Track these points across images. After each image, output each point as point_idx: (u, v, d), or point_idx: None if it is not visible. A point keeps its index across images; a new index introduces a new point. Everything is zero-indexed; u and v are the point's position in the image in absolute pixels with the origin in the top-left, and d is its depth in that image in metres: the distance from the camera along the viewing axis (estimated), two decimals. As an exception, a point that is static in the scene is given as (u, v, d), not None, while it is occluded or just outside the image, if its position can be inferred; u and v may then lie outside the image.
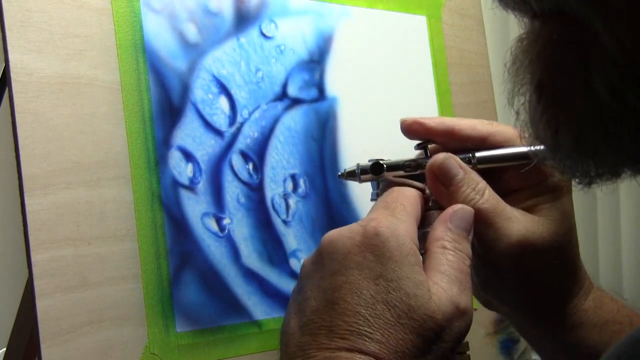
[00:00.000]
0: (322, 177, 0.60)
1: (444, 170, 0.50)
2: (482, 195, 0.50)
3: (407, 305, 0.43)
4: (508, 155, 0.51)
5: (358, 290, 0.44)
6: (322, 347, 0.43)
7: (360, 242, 0.45)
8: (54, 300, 0.46)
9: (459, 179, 0.50)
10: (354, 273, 0.44)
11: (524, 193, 0.52)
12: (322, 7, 0.62)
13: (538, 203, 0.52)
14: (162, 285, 0.50)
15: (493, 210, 0.50)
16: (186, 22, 0.54)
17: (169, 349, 0.50)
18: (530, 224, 0.50)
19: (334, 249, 0.46)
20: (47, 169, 0.47)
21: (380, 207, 0.48)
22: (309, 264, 0.47)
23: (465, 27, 0.72)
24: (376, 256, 0.44)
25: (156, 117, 0.52)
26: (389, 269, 0.44)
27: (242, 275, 0.54)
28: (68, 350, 0.46)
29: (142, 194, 0.51)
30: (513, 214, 0.50)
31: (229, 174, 0.55)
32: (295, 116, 0.59)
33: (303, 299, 0.46)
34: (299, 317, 0.45)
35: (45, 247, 0.46)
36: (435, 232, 0.48)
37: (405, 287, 0.44)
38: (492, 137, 0.52)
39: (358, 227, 0.46)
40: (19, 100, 0.47)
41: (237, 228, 0.55)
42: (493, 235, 0.50)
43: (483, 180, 0.51)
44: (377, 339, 0.42)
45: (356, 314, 0.43)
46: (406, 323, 0.43)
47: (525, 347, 0.71)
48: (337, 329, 0.43)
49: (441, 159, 0.51)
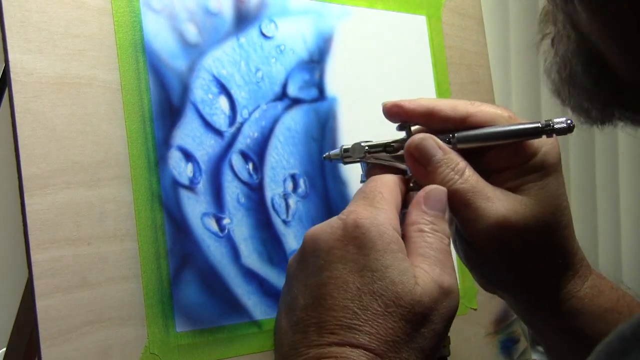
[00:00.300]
0: (322, 177, 0.60)
1: (422, 151, 0.50)
2: (462, 175, 0.50)
3: (393, 293, 0.43)
4: (489, 135, 0.51)
5: (344, 284, 0.44)
6: (313, 344, 0.43)
7: (341, 235, 0.45)
8: (54, 300, 0.46)
9: (437, 159, 0.50)
10: (338, 267, 0.44)
11: (508, 173, 0.52)
12: (322, 7, 0.62)
13: (523, 183, 0.51)
14: (162, 285, 0.50)
15: (471, 190, 0.49)
16: (186, 22, 0.54)
17: (169, 349, 0.50)
18: (513, 203, 0.50)
19: (316, 246, 0.46)
20: (47, 169, 0.47)
21: (359, 198, 0.48)
22: (294, 263, 0.47)
23: (465, 27, 0.72)
24: (359, 248, 0.45)
25: (156, 117, 0.52)
26: (372, 259, 0.44)
27: (242, 275, 0.54)
28: (68, 350, 0.46)
29: (142, 194, 0.51)
30: (493, 194, 0.50)
31: (229, 174, 0.55)
32: (295, 116, 0.59)
33: (291, 298, 0.46)
34: (289, 317, 0.45)
35: (45, 247, 0.46)
36: (411, 216, 0.48)
37: (391, 275, 0.44)
38: (472, 117, 0.52)
39: (338, 221, 0.46)
40: (19, 100, 0.47)
41: (237, 228, 0.55)
42: (472, 215, 0.50)
43: (464, 160, 0.50)
44: (366, 331, 0.42)
45: (344, 308, 0.43)
46: (394, 311, 0.43)
47: (525, 347, 0.71)
48: (326, 324, 0.43)
49: (418, 139, 0.51)
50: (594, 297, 0.54)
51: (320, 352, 0.42)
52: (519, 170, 0.51)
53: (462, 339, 0.66)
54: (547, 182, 0.51)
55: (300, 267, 0.46)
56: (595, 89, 0.42)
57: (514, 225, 0.49)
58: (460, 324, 0.66)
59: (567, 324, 0.53)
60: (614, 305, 0.54)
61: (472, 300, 0.68)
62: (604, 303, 0.54)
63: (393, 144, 0.52)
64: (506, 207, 0.50)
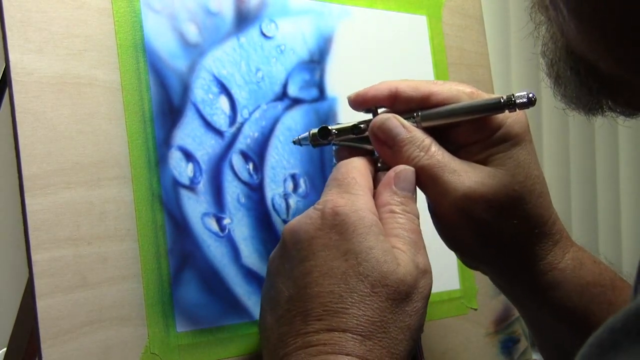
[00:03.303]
0: (322, 177, 0.60)
1: (386, 131, 0.51)
2: (427, 151, 0.50)
3: (379, 273, 0.44)
4: (452, 110, 0.52)
5: (329, 271, 0.44)
6: (300, 332, 0.43)
7: (321, 224, 0.45)
8: (54, 300, 0.46)
9: (402, 138, 0.50)
10: (321, 255, 0.44)
11: (475, 147, 0.52)
12: (322, 7, 0.62)
13: (490, 154, 0.51)
14: (162, 285, 0.50)
15: (437, 165, 0.50)
16: (186, 22, 0.54)
17: (169, 349, 0.50)
18: (480, 175, 0.50)
19: (297, 238, 0.46)
20: (47, 169, 0.47)
21: (334, 186, 0.48)
22: (276, 258, 0.47)
23: (465, 27, 0.72)
24: (340, 234, 0.45)
25: (156, 117, 0.52)
26: (355, 242, 0.44)
27: (242, 275, 0.54)
28: (68, 350, 0.46)
29: (142, 194, 0.51)
30: (460, 167, 0.50)
31: (229, 174, 0.55)
32: (296, 116, 0.59)
33: (275, 292, 0.46)
34: (274, 312, 0.45)
35: (45, 247, 0.46)
36: (382, 198, 0.48)
37: (376, 255, 0.44)
38: (435, 96, 0.52)
39: (316, 211, 0.46)
40: (19, 100, 0.47)
41: (237, 228, 0.55)
42: (440, 190, 0.50)
43: (429, 137, 0.51)
44: (353, 314, 0.43)
45: (330, 293, 0.43)
46: (380, 291, 0.43)
47: (525, 347, 0.71)
48: (312, 312, 0.43)
49: (381, 120, 0.51)
50: (576, 269, 0.53)
51: (307, 341, 0.42)
52: (485, 143, 0.52)
53: (462, 339, 0.66)
54: (514, 152, 0.51)
55: (283, 261, 0.46)
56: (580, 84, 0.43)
57: (482, 196, 0.50)
58: (460, 324, 0.66)
59: (549, 297, 0.53)
60: (597, 279, 0.54)
61: (472, 300, 0.68)
62: (586, 275, 0.54)
63: (360, 126, 0.53)
64: (473, 179, 0.50)
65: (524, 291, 0.54)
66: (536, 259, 0.53)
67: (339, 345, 0.42)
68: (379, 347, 0.42)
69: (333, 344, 0.42)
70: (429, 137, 0.51)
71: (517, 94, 0.50)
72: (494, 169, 0.51)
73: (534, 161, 0.52)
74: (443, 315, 0.65)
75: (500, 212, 0.50)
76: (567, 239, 0.54)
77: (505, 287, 0.57)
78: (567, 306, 0.53)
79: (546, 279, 0.53)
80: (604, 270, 0.55)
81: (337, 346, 0.42)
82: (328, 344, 0.42)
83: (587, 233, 1.44)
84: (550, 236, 0.53)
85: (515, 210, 0.51)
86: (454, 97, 0.52)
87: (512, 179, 0.51)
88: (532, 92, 0.50)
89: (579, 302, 0.53)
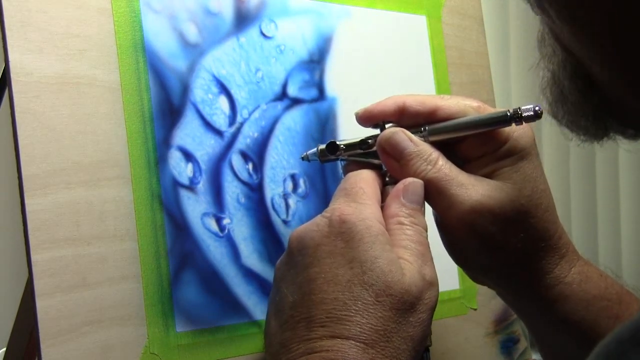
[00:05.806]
0: (322, 177, 0.60)
1: (393, 144, 0.51)
2: (435, 165, 0.50)
3: (384, 282, 0.44)
4: (459, 125, 0.52)
5: (334, 278, 0.44)
6: (303, 339, 0.43)
7: (328, 232, 0.46)
8: (54, 300, 0.46)
9: (409, 151, 0.51)
10: (327, 262, 0.45)
11: (482, 160, 0.52)
12: (322, 7, 0.62)
13: (497, 168, 0.51)
14: (162, 285, 0.50)
15: (444, 178, 0.50)
16: (186, 22, 0.54)
17: (169, 349, 0.50)
18: (487, 189, 0.50)
19: (303, 245, 0.46)
20: (47, 169, 0.47)
21: (341, 196, 0.49)
22: (282, 265, 0.48)
23: (465, 27, 0.72)
24: (346, 242, 0.45)
25: (156, 117, 0.52)
26: (361, 251, 0.45)
27: (242, 275, 0.54)
28: (68, 350, 0.46)
29: (142, 194, 0.51)
30: (467, 180, 0.50)
31: (228, 174, 0.55)
32: (295, 116, 0.59)
33: (280, 298, 0.46)
34: (278, 317, 0.45)
35: (45, 247, 0.46)
36: (390, 209, 0.49)
37: (381, 265, 0.44)
38: (442, 110, 0.52)
39: (323, 219, 0.47)
40: (19, 100, 0.47)
41: (237, 228, 0.55)
42: (447, 203, 0.50)
43: (436, 150, 0.51)
44: (357, 322, 0.43)
45: (334, 300, 0.43)
46: (385, 300, 0.43)
47: (525, 347, 0.71)
48: (315, 318, 0.43)
49: (388, 134, 0.52)
50: (582, 282, 0.53)
51: (310, 347, 0.42)
52: (492, 156, 0.52)
53: (462, 339, 0.66)
54: (521, 165, 0.51)
55: (288, 267, 0.47)
56: (582, 101, 0.43)
57: (489, 209, 0.50)
58: (460, 324, 0.66)
59: (555, 310, 0.53)
60: (603, 293, 0.54)
61: (472, 300, 0.68)
62: (592, 289, 0.54)
63: (368, 141, 0.53)
64: (480, 193, 0.50)
65: (530, 305, 0.54)
66: (542, 272, 0.53)
67: (342, 352, 0.42)
68: (382, 355, 0.42)
69: (336, 350, 0.42)
70: (436, 150, 0.51)
71: (523, 107, 0.50)
72: (501, 183, 0.51)
73: (540, 175, 0.52)
74: (443, 315, 0.65)
75: (506, 225, 0.50)
76: (573, 252, 0.54)
77: (511, 300, 0.57)
78: (573, 320, 0.53)
79: (552, 292, 0.53)
80: (610, 284, 0.55)
81: (339, 353, 0.42)
82: (331, 351, 0.42)
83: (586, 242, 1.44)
84: (556, 250, 0.53)
85: (522, 224, 0.51)
86: (460, 111, 0.52)
87: (518, 192, 0.51)
88: (539, 105, 0.50)
89: (585, 315, 0.53)
